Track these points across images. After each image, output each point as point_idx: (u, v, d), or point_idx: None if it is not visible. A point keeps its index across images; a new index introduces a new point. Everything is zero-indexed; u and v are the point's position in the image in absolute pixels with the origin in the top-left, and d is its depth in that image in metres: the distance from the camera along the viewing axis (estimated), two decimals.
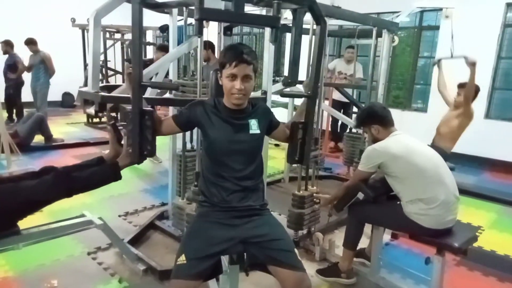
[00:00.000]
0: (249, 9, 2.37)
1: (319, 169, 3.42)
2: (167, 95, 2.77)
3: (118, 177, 1.65)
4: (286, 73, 2.77)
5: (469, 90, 3.33)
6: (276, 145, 5.91)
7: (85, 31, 6.98)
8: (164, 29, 5.92)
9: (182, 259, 1.42)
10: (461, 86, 3.45)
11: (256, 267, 1.56)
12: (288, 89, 2.70)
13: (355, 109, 5.24)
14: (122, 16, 2.56)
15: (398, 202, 2.11)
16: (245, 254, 1.56)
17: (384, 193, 2.23)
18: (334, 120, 5.91)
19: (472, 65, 3.25)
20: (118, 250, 2.57)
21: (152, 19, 4.20)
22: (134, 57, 1.56)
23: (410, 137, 2.18)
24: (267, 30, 2.48)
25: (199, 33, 1.55)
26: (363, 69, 5.59)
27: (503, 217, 3.58)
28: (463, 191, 2.95)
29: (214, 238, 1.49)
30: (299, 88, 2.83)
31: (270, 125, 1.73)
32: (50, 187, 1.58)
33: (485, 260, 2.75)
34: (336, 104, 5.50)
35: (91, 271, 2.39)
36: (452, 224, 2.04)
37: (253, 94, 2.20)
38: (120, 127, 1.75)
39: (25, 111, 6.53)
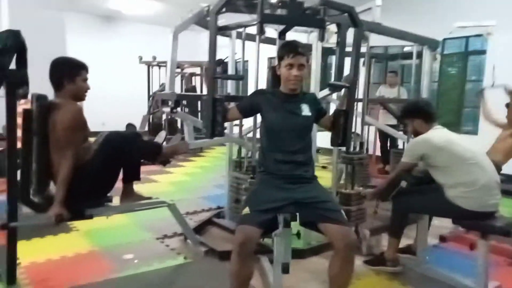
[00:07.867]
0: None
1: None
2: None
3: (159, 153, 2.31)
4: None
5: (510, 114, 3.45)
6: (324, 167, 6.10)
7: (150, 67, 7.88)
8: (219, 63, 6.59)
9: (247, 210, 1.72)
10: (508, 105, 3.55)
11: (307, 225, 1.81)
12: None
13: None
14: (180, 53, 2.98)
15: (440, 189, 2.25)
16: (297, 214, 1.81)
17: (426, 183, 2.39)
18: (383, 143, 6.01)
19: (510, 93, 3.47)
20: (182, 238, 2.91)
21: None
22: (210, 58, 1.97)
23: (449, 131, 2.36)
24: (314, 44, 2.85)
25: (260, 33, 1.93)
26: (409, 94, 5.74)
27: None
28: None
29: (272, 197, 1.77)
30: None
31: (318, 113, 2.02)
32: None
33: None
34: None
35: (160, 250, 2.74)
36: (494, 208, 2.15)
37: None
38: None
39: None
